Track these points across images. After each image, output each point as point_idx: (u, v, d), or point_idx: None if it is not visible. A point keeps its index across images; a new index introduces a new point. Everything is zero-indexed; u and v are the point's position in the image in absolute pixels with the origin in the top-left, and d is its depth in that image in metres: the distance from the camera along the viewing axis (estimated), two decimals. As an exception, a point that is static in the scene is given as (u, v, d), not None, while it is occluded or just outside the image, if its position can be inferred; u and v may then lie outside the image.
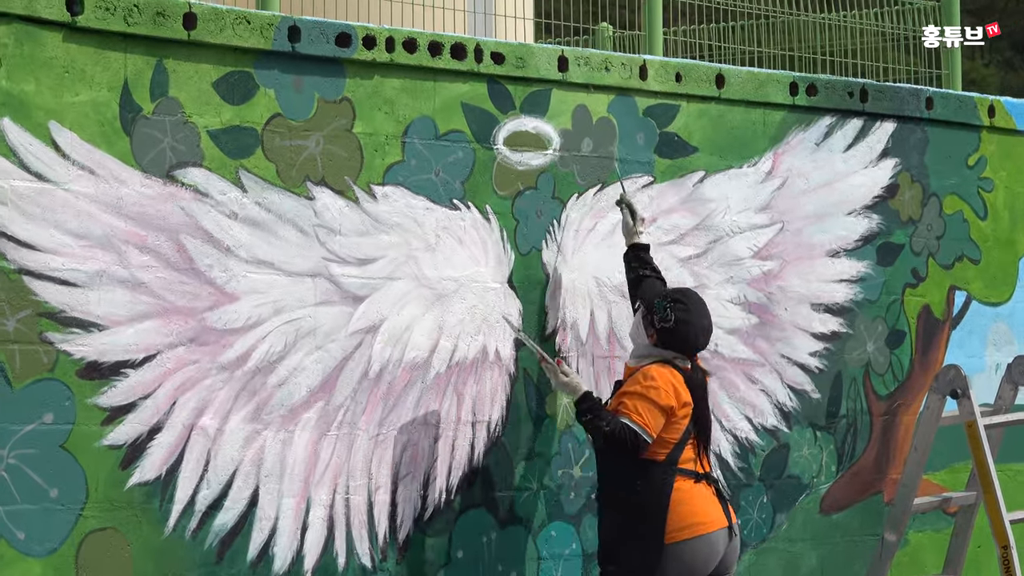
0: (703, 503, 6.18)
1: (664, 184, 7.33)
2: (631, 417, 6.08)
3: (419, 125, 6.63)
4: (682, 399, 6.18)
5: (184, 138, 6.05)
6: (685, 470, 6.17)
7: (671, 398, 6.14)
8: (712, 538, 6.16)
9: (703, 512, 6.16)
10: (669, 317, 6.22)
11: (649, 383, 6.14)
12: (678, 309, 6.23)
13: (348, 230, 6.44)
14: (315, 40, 6.34)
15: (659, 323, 6.23)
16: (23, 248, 5.71)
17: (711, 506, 6.20)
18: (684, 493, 6.14)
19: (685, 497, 6.14)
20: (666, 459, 6.14)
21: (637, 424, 6.07)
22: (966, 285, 8.39)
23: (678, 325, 6.23)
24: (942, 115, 8.25)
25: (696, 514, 6.14)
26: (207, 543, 6.08)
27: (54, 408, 5.76)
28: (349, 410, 6.42)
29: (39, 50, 5.75)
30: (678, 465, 6.15)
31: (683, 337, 6.24)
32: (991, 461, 7.39)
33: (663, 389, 6.13)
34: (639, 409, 6.09)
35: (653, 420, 6.09)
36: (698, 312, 6.29)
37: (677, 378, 6.21)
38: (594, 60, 7.12)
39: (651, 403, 6.10)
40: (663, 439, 6.14)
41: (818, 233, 7.81)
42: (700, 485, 6.21)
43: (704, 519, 6.15)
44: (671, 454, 6.15)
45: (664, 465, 6.13)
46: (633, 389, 6.16)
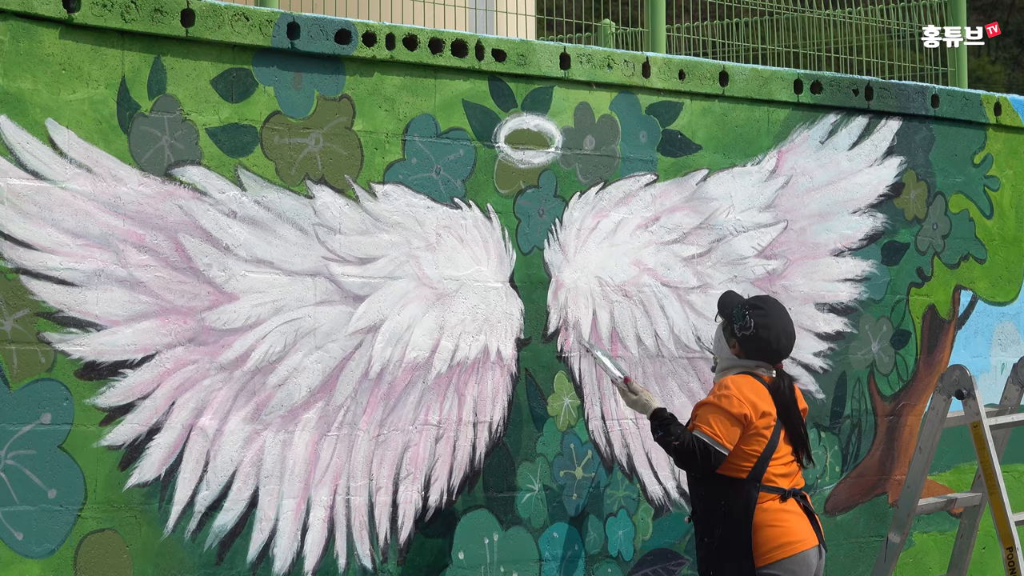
0: (791, 522, 5.92)
1: (667, 182, 7.30)
2: (701, 429, 5.86)
3: (420, 123, 6.60)
4: (760, 409, 5.92)
5: (182, 136, 6.03)
6: (770, 487, 5.93)
7: (745, 407, 5.89)
8: (805, 557, 5.91)
9: (792, 531, 5.90)
10: (749, 324, 6.00)
11: (722, 392, 5.91)
12: (757, 315, 6.01)
13: (348, 229, 6.41)
14: (314, 37, 6.31)
15: (739, 331, 6.02)
16: (20, 247, 5.69)
17: (800, 524, 5.94)
18: (769, 513, 5.89)
19: (770, 519, 5.89)
20: (749, 476, 5.90)
21: (708, 436, 5.84)
22: (972, 284, 8.35)
23: (759, 331, 6.00)
24: (948, 113, 8.21)
25: (786, 534, 5.89)
26: (207, 544, 6.06)
27: (52, 408, 5.74)
28: (349, 410, 6.39)
29: (36, 47, 5.73)
30: (762, 482, 5.91)
31: (765, 344, 6.00)
32: (996, 462, 7.36)
33: (736, 398, 5.88)
34: (710, 420, 5.86)
35: (726, 431, 5.85)
36: (779, 317, 6.06)
37: (757, 387, 5.97)
38: (596, 57, 7.08)
39: (723, 412, 5.87)
40: (744, 452, 5.90)
41: (822, 232, 7.77)
42: (788, 502, 5.94)
43: (794, 538, 5.90)
44: (754, 469, 5.91)
45: (747, 483, 5.89)
46: (706, 400, 5.95)
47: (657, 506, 7.22)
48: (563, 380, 6.96)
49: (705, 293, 7.35)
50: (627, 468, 7.13)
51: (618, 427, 7.10)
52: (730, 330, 6.06)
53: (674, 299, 7.27)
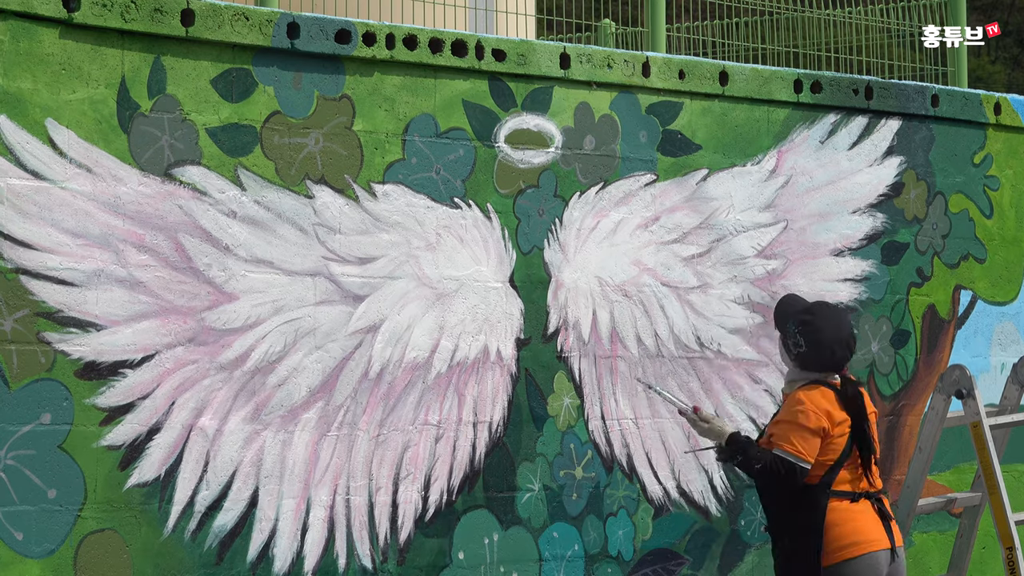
0: (861, 522, 5.85)
1: (667, 182, 7.29)
2: (783, 447, 5.80)
3: (420, 123, 6.60)
4: (835, 418, 5.86)
5: (182, 136, 6.02)
6: (839, 491, 5.86)
7: (822, 419, 5.83)
8: (872, 559, 5.82)
9: (861, 531, 5.83)
10: (800, 342, 5.93)
11: (797, 408, 5.84)
12: (807, 332, 5.92)
13: (348, 229, 6.40)
14: (314, 37, 6.30)
15: (794, 349, 5.96)
16: (20, 247, 5.69)
17: (870, 525, 5.87)
18: (839, 513, 5.84)
19: (840, 517, 5.83)
20: (820, 481, 5.84)
21: (790, 453, 5.79)
22: (971, 284, 8.35)
23: (809, 348, 5.92)
24: (948, 112, 8.21)
25: (854, 533, 5.81)
26: (207, 544, 6.06)
27: (52, 408, 5.73)
28: (349, 410, 6.39)
29: (36, 47, 5.73)
30: (832, 487, 5.85)
31: (820, 357, 5.93)
32: (996, 462, 7.35)
33: (812, 412, 5.82)
34: (790, 437, 5.80)
35: (807, 445, 5.80)
36: (829, 327, 5.97)
37: (828, 396, 5.90)
38: (596, 57, 7.08)
39: (802, 428, 5.80)
40: (818, 461, 5.84)
41: (822, 232, 7.77)
42: (859, 503, 5.87)
43: (862, 538, 5.82)
44: (825, 476, 5.85)
45: (818, 488, 5.84)
46: (783, 417, 5.88)
47: (657, 506, 7.22)
48: (563, 380, 6.96)
49: (705, 293, 7.34)
50: (627, 468, 7.13)
51: (618, 427, 7.10)
52: (786, 347, 6.01)
53: (674, 299, 7.27)
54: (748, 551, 7.50)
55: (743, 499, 7.48)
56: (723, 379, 7.41)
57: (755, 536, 7.53)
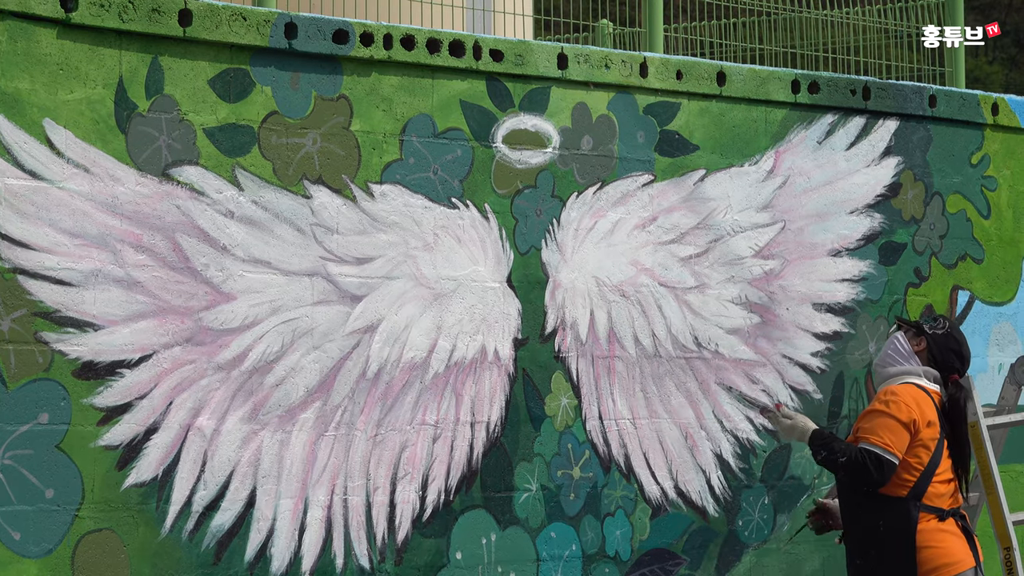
0: (948, 542, 5.75)
1: (664, 183, 7.29)
2: (870, 440, 5.67)
3: (417, 123, 6.60)
4: (927, 417, 5.74)
5: (180, 136, 6.02)
6: (930, 506, 5.74)
7: (913, 411, 5.70)
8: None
9: (949, 553, 5.73)
10: (943, 324, 5.90)
11: (889, 398, 5.73)
12: (947, 320, 5.97)
13: (346, 229, 6.40)
14: (312, 37, 6.31)
15: (931, 329, 5.89)
16: (18, 247, 5.69)
17: (957, 544, 5.77)
18: (929, 534, 5.72)
19: (930, 539, 5.72)
20: (909, 493, 5.71)
21: (877, 446, 5.64)
22: (969, 284, 8.35)
23: (951, 331, 5.91)
24: (945, 113, 8.21)
25: (943, 556, 5.72)
26: (204, 544, 6.06)
27: (50, 408, 5.73)
28: (347, 410, 6.39)
29: (33, 47, 5.73)
30: (923, 500, 5.73)
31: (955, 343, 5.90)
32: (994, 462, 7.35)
33: (904, 403, 5.69)
34: (877, 429, 5.67)
35: (896, 438, 5.65)
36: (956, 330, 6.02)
37: (922, 396, 5.80)
38: (594, 57, 7.08)
39: (891, 419, 5.68)
40: (907, 463, 5.70)
41: (820, 232, 7.77)
42: (946, 522, 5.78)
43: (951, 560, 5.73)
44: (915, 487, 5.72)
45: (907, 502, 5.71)
46: (872, 408, 5.77)
47: (655, 506, 7.22)
48: (560, 380, 6.96)
49: (703, 293, 7.35)
50: (624, 468, 7.13)
51: (615, 427, 7.10)
52: (917, 330, 5.91)
53: (671, 299, 7.27)
54: (746, 551, 7.51)
55: (741, 499, 7.49)
56: (720, 379, 7.41)
57: (752, 536, 7.53)
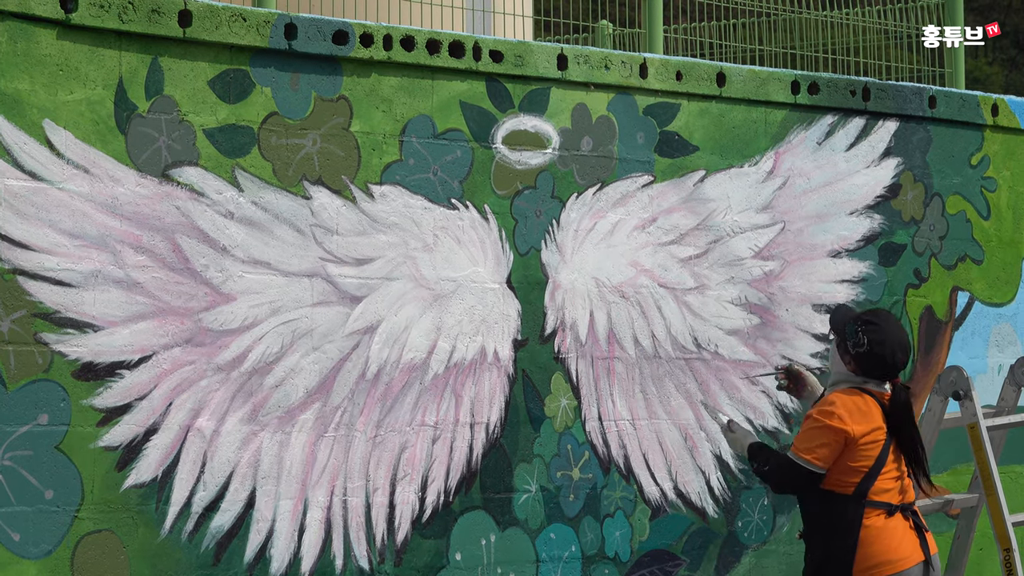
0: (894, 539, 5.75)
1: (664, 183, 7.29)
2: (795, 451, 5.73)
3: (417, 124, 6.60)
4: (868, 425, 5.74)
5: (179, 137, 6.02)
6: (876, 502, 5.76)
7: (848, 423, 5.71)
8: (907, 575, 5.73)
9: (896, 549, 5.74)
10: (862, 341, 5.81)
11: (824, 408, 5.76)
12: (869, 331, 5.82)
13: (345, 230, 6.40)
14: (312, 38, 6.30)
15: (853, 348, 5.83)
16: (17, 248, 5.68)
17: (905, 541, 5.77)
18: (874, 530, 5.73)
19: (875, 535, 5.73)
20: (855, 492, 5.73)
21: (799, 457, 5.71)
22: (969, 285, 8.35)
23: (873, 347, 5.81)
24: (945, 114, 8.21)
25: (885, 552, 5.72)
26: (204, 545, 6.06)
27: (49, 409, 5.73)
28: (347, 411, 6.39)
29: (33, 48, 5.72)
30: (868, 497, 5.74)
31: (880, 359, 5.82)
32: (993, 463, 7.35)
33: (837, 414, 5.71)
34: (806, 439, 5.72)
35: (824, 448, 5.70)
36: (892, 330, 5.88)
37: (867, 402, 5.79)
38: (594, 58, 7.08)
39: (823, 430, 5.70)
40: (850, 467, 5.73)
41: (820, 233, 7.77)
42: (894, 518, 5.77)
43: (896, 556, 5.73)
44: (860, 485, 5.74)
45: (852, 499, 5.73)
46: (809, 414, 5.80)
47: (654, 507, 7.22)
48: (560, 381, 6.96)
49: (702, 294, 7.34)
50: (624, 469, 7.13)
51: (615, 428, 7.10)
52: (844, 347, 5.88)
53: (671, 300, 7.27)
54: (745, 552, 7.50)
55: (740, 500, 7.49)
56: (720, 380, 7.41)
57: (752, 537, 7.53)
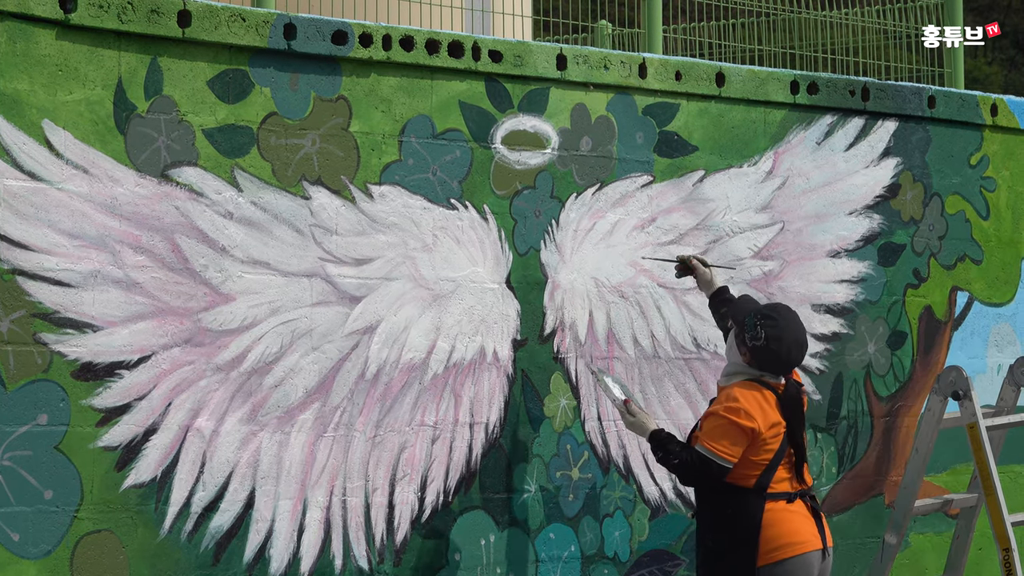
0: (795, 523, 5.89)
1: (663, 183, 7.29)
2: (704, 444, 5.84)
3: (416, 124, 6.60)
4: (770, 420, 5.88)
5: (179, 137, 6.02)
6: (776, 493, 5.89)
7: (754, 420, 5.84)
8: (804, 560, 5.88)
9: (794, 532, 5.87)
10: (760, 335, 5.92)
11: (729, 404, 5.87)
12: (768, 326, 5.93)
13: (344, 230, 6.40)
14: (311, 38, 6.30)
15: (750, 341, 5.94)
16: (17, 248, 5.68)
17: (804, 525, 5.91)
18: (775, 514, 5.86)
19: (775, 518, 5.86)
20: (756, 485, 5.86)
21: (710, 451, 5.82)
22: (968, 285, 8.35)
23: (769, 343, 5.92)
24: (944, 114, 8.21)
25: (789, 534, 5.86)
26: (203, 545, 6.06)
27: (48, 409, 5.73)
28: (346, 411, 6.39)
29: (32, 48, 5.72)
30: (768, 490, 5.87)
31: (775, 355, 5.93)
32: (993, 463, 7.36)
33: (744, 411, 5.83)
34: (715, 435, 5.83)
35: (730, 445, 5.82)
36: (790, 327, 5.97)
37: (766, 398, 5.92)
38: (593, 58, 7.08)
39: (730, 426, 5.82)
40: (752, 462, 5.87)
41: (819, 233, 7.77)
42: (794, 504, 5.92)
43: (795, 539, 5.87)
44: (761, 479, 5.87)
45: (754, 492, 5.86)
46: (713, 411, 5.91)
47: (653, 507, 7.22)
48: (559, 381, 6.96)
49: (701, 294, 7.34)
50: (623, 469, 7.13)
51: (614, 428, 7.10)
52: (742, 338, 5.98)
53: (670, 300, 7.27)
54: (745, 552, 7.50)
55: (740, 500, 7.48)
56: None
57: (752, 537, 7.53)
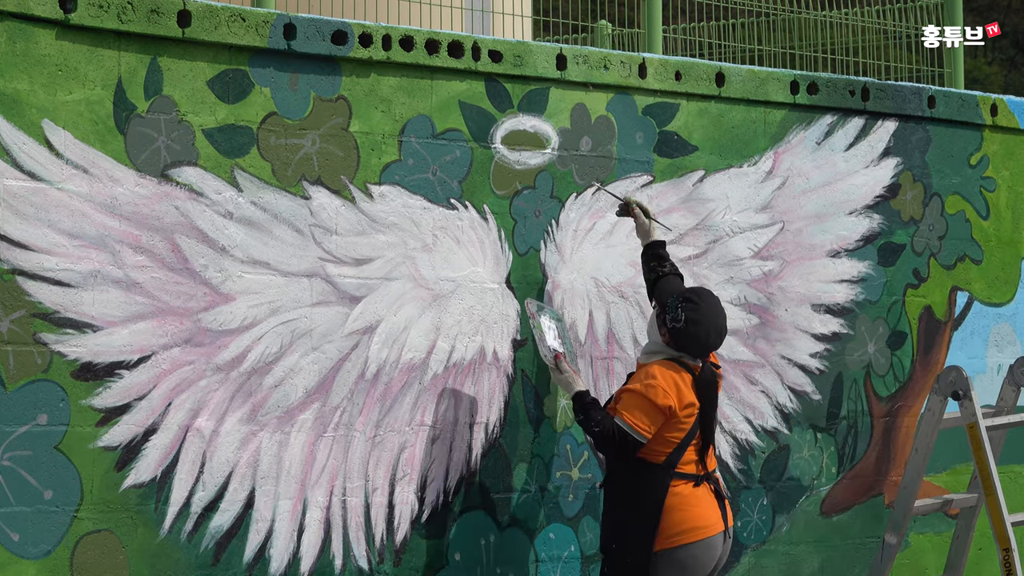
0: (700, 507, 6.13)
1: (663, 183, 7.29)
2: (623, 417, 6.06)
3: (416, 124, 6.60)
4: (685, 400, 6.11)
5: (179, 137, 6.02)
6: (683, 473, 6.12)
7: (671, 398, 6.07)
8: (709, 543, 6.12)
9: (700, 517, 6.11)
10: (680, 317, 6.14)
11: (649, 382, 6.08)
12: (689, 309, 6.15)
13: (344, 230, 6.40)
14: (311, 38, 6.30)
15: (670, 323, 6.16)
16: (16, 248, 5.68)
17: (708, 510, 6.15)
18: (680, 498, 6.10)
19: (681, 502, 6.09)
20: (665, 461, 6.09)
21: (628, 425, 6.04)
22: (968, 285, 8.35)
23: (688, 325, 6.14)
24: (944, 114, 8.21)
25: (692, 519, 6.10)
26: (203, 545, 6.06)
27: (48, 409, 5.73)
28: (346, 411, 6.39)
29: (32, 48, 5.72)
30: (676, 468, 6.10)
31: (693, 338, 6.16)
32: (993, 463, 7.36)
33: (662, 388, 6.06)
34: (633, 409, 6.05)
35: (648, 420, 6.04)
36: (710, 312, 6.19)
37: (683, 378, 6.15)
38: (593, 58, 7.08)
39: (648, 403, 6.05)
40: (664, 438, 6.09)
41: (819, 233, 7.77)
42: (700, 488, 6.15)
43: (700, 523, 6.11)
44: (671, 456, 6.10)
45: (662, 469, 6.08)
46: (632, 387, 6.12)
47: (653, 507, 7.21)
48: (559, 381, 6.95)
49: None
50: (623, 469, 7.12)
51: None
52: (662, 319, 6.19)
53: (670, 300, 7.26)
54: (744, 552, 7.51)
55: (739, 501, 7.48)
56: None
57: (751, 537, 7.53)
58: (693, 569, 6.07)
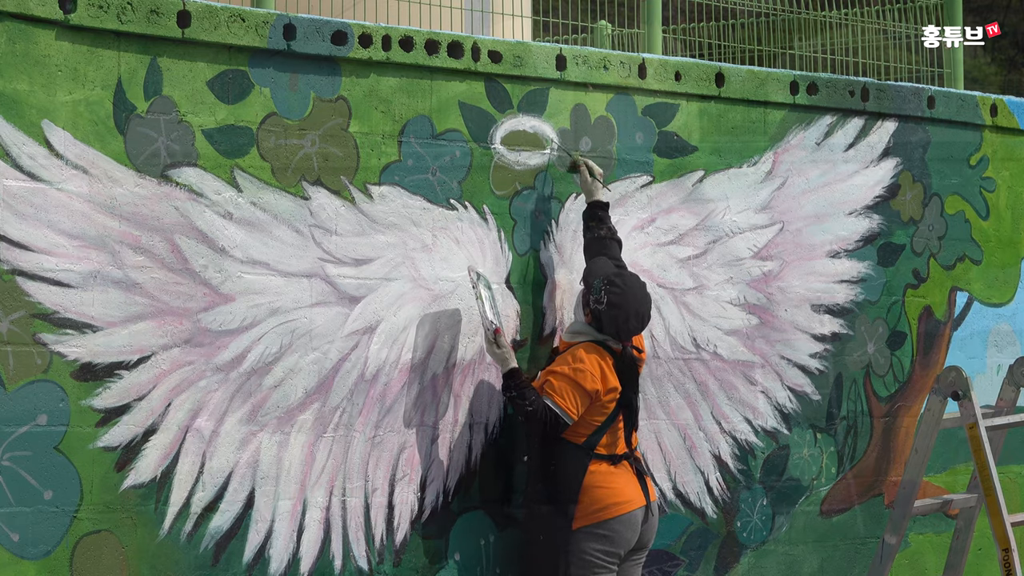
0: (619, 484, 6.32)
1: (663, 184, 7.29)
2: (554, 399, 6.26)
3: (416, 124, 6.60)
4: (609, 384, 6.32)
5: (178, 137, 6.02)
6: (601, 454, 6.32)
7: (597, 383, 6.28)
8: (628, 518, 6.32)
9: (618, 493, 6.30)
10: (602, 300, 6.33)
11: (577, 365, 6.28)
12: (612, 293, 6.35)
13: (344, 230, 6.40)
14: (310, 38, 6.30)
15: (593, 304, 6.35)
16: (16, 248, 5.68)
17: (628, 486, 6.34)
18: (599, 476, 6.30)
19: (599, 480, 6.29)
20: (584, 443, 6.30)
21: (559, 407, 6.25)
22: (968, 286, 8.35)
23: (610, 309, 6.34)
24: (944, 114, 8.22)
25: (612, 495, 6.29)
26: (203, 546, 6.06)
27: (48, 410, 5.73)
28: (345, 412, 6.39)
29: (32, 48, 5.72)
30: (595, 450, 6.31)
31: (613, 320, 6.35)
32: (992, 463, 7.36)
33: (590, 373, 6.27)
34: (563, 392, 6.26)
35: (576, 403, 6.25)
36: (633, 298, 6.39)
37: (607, 361, 6.34)
38: (592, 59, 7.08)
39: (576, 386, 6.26)
40: (586, 420, 6.30)
41: (818, 233, 7.77)
42: (619, 466, 6.35)
43: (619, 499, 6.30)
44: (591, 438, 6.31)
45: (581, 450, 6.29)
46: (561, 370, 6.31)
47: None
48: (559, 381, 6.95)
49: (701, 294, 7.35)
50: (623, 469, 7.13)
51: (614, 428, 7.09)
52: (586, 299, 6.40)
53: (670, 300, 7.27)
54: (744, 552, 7.51)
55: (739, 500, 7.49)
56: (719, 380, 7.41)
57: (751, 537, 7.53)
58: (614, 542, 6.27)
